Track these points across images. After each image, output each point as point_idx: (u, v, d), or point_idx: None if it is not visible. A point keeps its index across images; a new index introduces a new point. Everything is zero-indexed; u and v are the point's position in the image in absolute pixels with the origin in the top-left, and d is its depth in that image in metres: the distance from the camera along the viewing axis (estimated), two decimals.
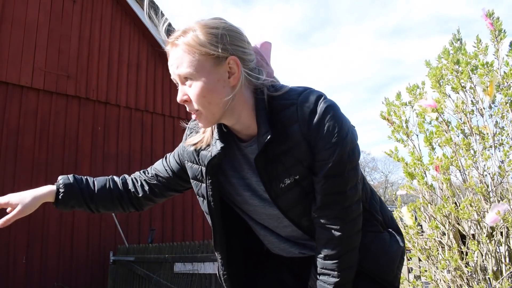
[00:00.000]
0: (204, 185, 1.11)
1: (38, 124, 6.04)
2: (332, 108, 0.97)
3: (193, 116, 1.01)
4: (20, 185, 5.70)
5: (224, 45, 0.95)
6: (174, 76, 0.99)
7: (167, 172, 1.23)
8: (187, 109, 1.01)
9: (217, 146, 1.04)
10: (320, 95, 0.99)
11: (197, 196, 1.17)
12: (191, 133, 1.16)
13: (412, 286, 2.22)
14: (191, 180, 1.17)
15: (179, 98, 0.99)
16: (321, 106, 0.96)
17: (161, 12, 1.10)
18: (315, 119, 0.95)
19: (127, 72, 7.11)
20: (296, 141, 0.97)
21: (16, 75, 5.93)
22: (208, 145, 1.09)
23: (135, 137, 7.02)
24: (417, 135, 2.14)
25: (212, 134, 1.08)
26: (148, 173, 1.27)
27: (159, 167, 1.25)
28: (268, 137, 0.97)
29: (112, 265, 6.11)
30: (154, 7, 7.20)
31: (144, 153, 7.04)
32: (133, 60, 7.22)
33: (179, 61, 0.96)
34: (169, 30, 1.04)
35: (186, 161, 1.16)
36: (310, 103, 0.97)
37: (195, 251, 4.53)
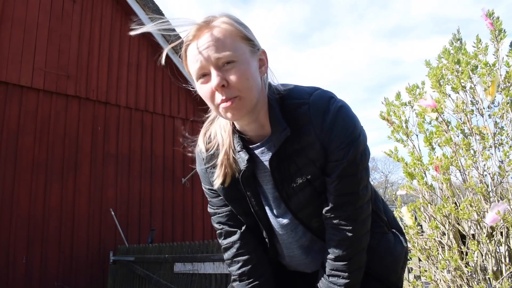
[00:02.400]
0: (243, 203, 1.08)
1: (38, 124, 6.04)
2: (344, 109, 0.96)
3: (228, 104, 0.90)
4: (20, 185, 5.71)
5: (254, 36, 0.94)
6: (209, 60, 0.88)
7: (227, 208, 1.13)
8: (221, 97, 0.90)
9: (242, 158, 1.01)
10: (331, 95, 0.98)
11: (239, 217, 1.13)
12: (210, 162, 1.08)
13: (412, 286, 2.21)
14: (230, 203, 1.11)
15: (216, 82, 0.87)
16: (333, 106, 0.95)
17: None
18: (328, 119, 0.94)
19: (127, 72, 7.11)
20: (309, 141, 0.96)
21: (16, 75, 5.93)
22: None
23: (135, 137, 7.02)
24: (417, 135, 2.14)
25: (233, 145, 1.03)
26: (234, 232, 1.13)
27: (222, 216, 1.14)
28: (288, 134, 0.95)
29: (112, 265, 6.11)
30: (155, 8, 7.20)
31: (144, 153, 7.04)
32: (133, 60, 7.22)
33: (218, 43, 0.88)
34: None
35: (216, 186, 1.09)
36: (322, 103, 0.95)
37: (195, 251, 4.53)
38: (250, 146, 1.04)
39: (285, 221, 1.07)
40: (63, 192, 6.08)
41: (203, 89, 0.93)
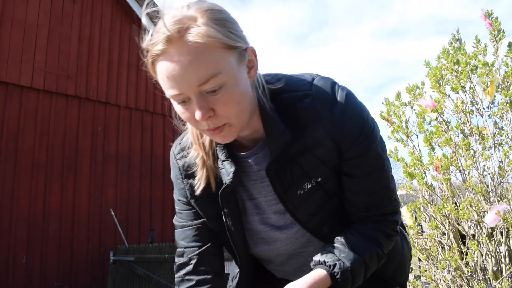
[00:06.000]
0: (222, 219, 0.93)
1: (38, 124, 6.04)
2: (350, 96, 0.84)
3: (215, 132, 0.77)
4: (20, 185, 5.71)
5: (239, 32, 0.76)
6: (188, 88, 0.72)
7: (196, 225, 0.97)
8: (206, 127, 0.76)
9: (227, 169, 0.85)
10: (333, 81, 0.85)
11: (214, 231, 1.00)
12: (189, 170, 0.93)
13: (412, 286, 2.22)
14: (209, 221, 0.96)
15: (201, 115, 0.72)
16: (340, 95, 0.82)
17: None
18: (338, 111, 0.81)
19: (127, 72, 7.11)
20: (317, 138, 0.83)
21: (16, 75, 5.93)
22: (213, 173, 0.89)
23: (135, 137, 7.02)
24: (417, 135, 2.14)
25: (211, 153, 0.88)
26: (191, 251, 0.97)
27: (192, 229, 0.97)
28: (288, 137, 0.81)
29: (112, 265, 6.11)
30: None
31: (144, 153, 7.04)
32: (133, 60, 7.22)
33: (197, 66, 0.69)
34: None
35: (193, 200, 0.95)
36: (328, 92, 0.82)
37: None
38: (241, 154, 0.89)
39: (289, 233, 0.94)
40: (63, 192, 6.08)
41: (181, 112, 0.77)
